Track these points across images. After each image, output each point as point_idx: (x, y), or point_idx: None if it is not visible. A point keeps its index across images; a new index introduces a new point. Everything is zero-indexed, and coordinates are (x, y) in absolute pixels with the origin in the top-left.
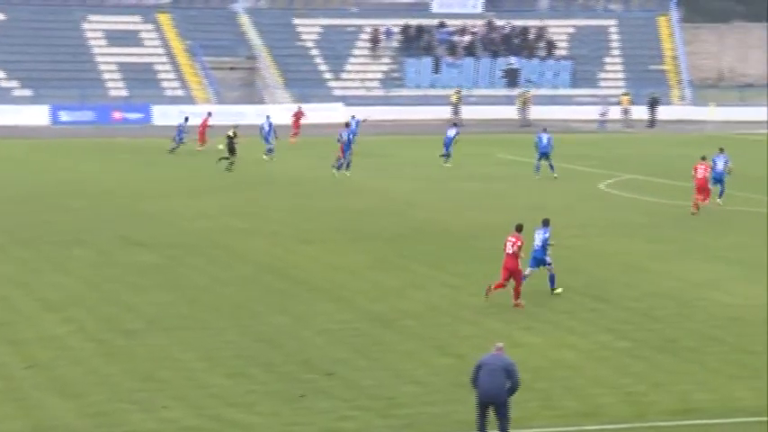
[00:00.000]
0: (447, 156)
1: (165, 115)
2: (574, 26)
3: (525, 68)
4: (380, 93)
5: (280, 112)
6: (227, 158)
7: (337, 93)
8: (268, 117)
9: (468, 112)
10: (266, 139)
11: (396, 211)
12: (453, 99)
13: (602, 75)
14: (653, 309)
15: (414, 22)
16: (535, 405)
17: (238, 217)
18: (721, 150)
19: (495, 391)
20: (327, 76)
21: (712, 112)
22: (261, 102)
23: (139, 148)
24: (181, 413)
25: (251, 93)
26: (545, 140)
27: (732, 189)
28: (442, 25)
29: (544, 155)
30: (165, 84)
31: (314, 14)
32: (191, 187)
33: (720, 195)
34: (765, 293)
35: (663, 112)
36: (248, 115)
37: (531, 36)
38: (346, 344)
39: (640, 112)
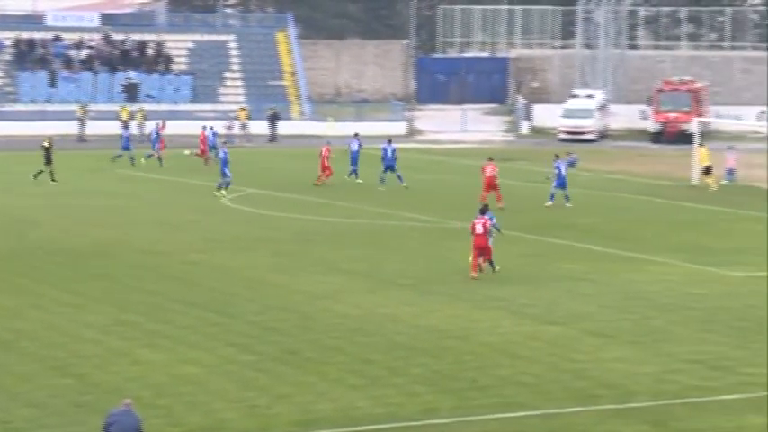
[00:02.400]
0: (355, 172)
1: None
2: (193, 41)
3: (145, 83)
4: None
5: None
6: (41, 171)
7: None
8: (157, 124)
9: (87, 127)
10: (153, 146)
11: (10, 229)
12: (79, 113)
13: (223, 90)
14: (276, 321)
15: (27, 35)
16: (158, 422)
17: None
18: (557, 157)
19: None
20: None
21: (331, 127)
22: None
23: None
24: None
25: None
26: (389, 153)
27: (349, 202)
28: (57, 39)
29: (390, 168)
30: None
31: None
32: None
33: (567, 199)
34: (383, 302)
35: (283, 127)
36: None
37: (150, 51)
38: None
39: (262, 127)
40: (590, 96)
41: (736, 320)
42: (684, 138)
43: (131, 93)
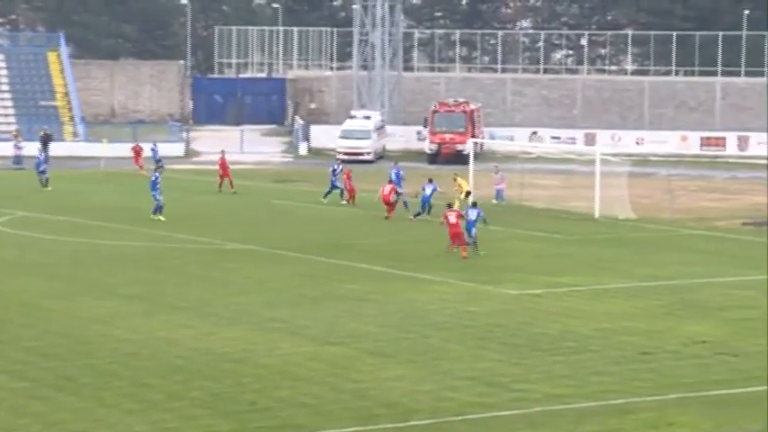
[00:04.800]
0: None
1: None
2: None
3: None
4: None
5: None
6: None
7: None
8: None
9: None
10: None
11: None
12: None
13: None
14: (51, 347)
15: None
16: None
17: None
18: (430, 180)
19: None
20: None
21: (106, 149)
22: None
23: None
24: None
25: None
26: (393, 176)
27: (125, 224)
28: None
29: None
30: None
31: None
32: None
33: (428, 212)
34: (161, 326)
35: (56, 149)
36: None
37: None
38: None
39: (34, 149)
40: (367, 117)
41: (509, 337)
42: (460, 158)
43: None
